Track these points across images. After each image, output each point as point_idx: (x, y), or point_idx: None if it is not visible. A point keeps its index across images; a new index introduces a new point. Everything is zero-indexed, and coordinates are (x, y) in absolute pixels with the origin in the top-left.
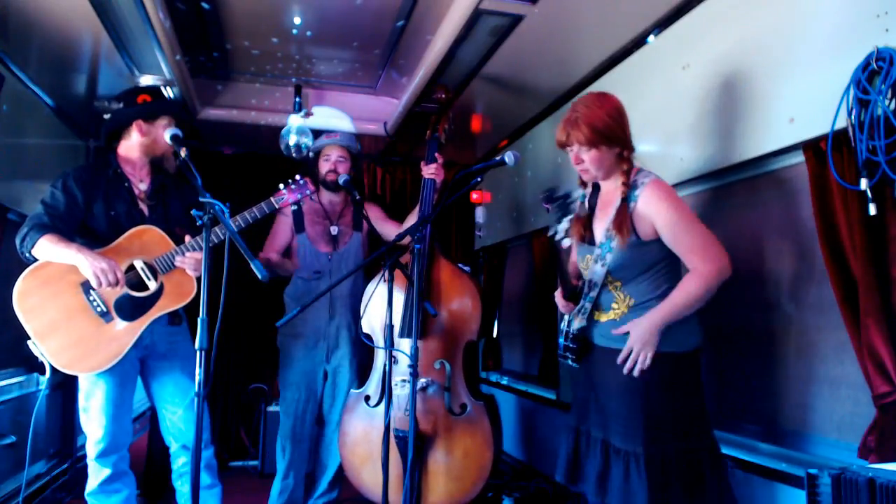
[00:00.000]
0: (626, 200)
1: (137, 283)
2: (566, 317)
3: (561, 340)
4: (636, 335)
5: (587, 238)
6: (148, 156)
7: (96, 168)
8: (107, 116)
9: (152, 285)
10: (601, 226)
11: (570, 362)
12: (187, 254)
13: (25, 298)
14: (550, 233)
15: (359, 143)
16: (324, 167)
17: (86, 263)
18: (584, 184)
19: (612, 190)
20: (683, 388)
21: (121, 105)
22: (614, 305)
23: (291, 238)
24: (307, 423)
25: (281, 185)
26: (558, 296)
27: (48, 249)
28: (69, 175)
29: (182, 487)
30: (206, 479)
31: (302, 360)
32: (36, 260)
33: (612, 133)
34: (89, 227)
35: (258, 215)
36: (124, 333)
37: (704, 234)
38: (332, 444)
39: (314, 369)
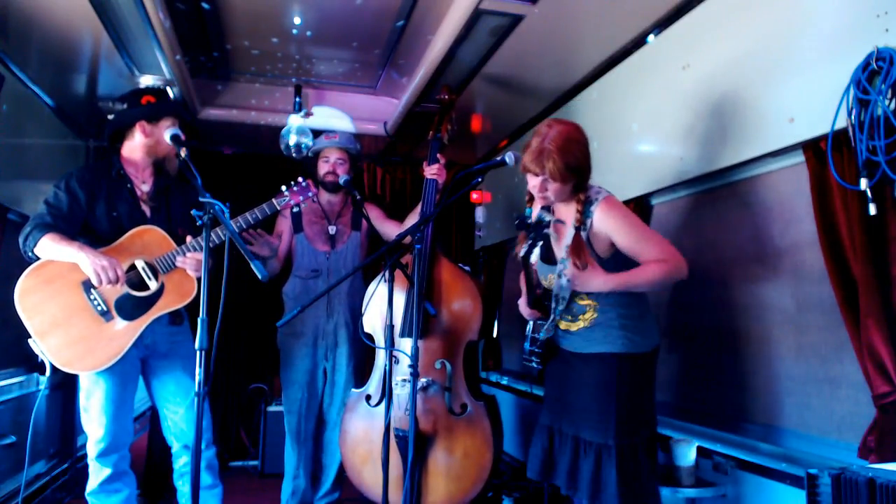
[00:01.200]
0: (579, 230)
1: (138, 283)
2: (531, 324)
3: (526, 345)
4: (588, 274)
5: (546, 257)
6: (151, 157)
7: (99, 169)
8: (111, 117)
9: (153, 285)
10: (559, 244)
11: (534, 365)
12: (188, 254)
13: (27, 297)
14: (522, 254)
15: (358, 143)
16: (323, 168)
17: (86, 261)
18: (531, 200)
19: (566, 212)
20: (645, 385)
21: (124, 106)
22: (583, 316)
23: (291, 238)
24: (311, 421)
25: (283, 187)
26: (522, 303)
27: (50, 248)
28: (72, 175)
29: (183, 487)
30: (207, 479)
31: (302, 359)
32: (38, 259)
33: (581, 168)
34: (91, 228)
35: (259, 217)
36: (124, 332)
37: (662, 241)
38: (332, 444)
39: (315, 368)
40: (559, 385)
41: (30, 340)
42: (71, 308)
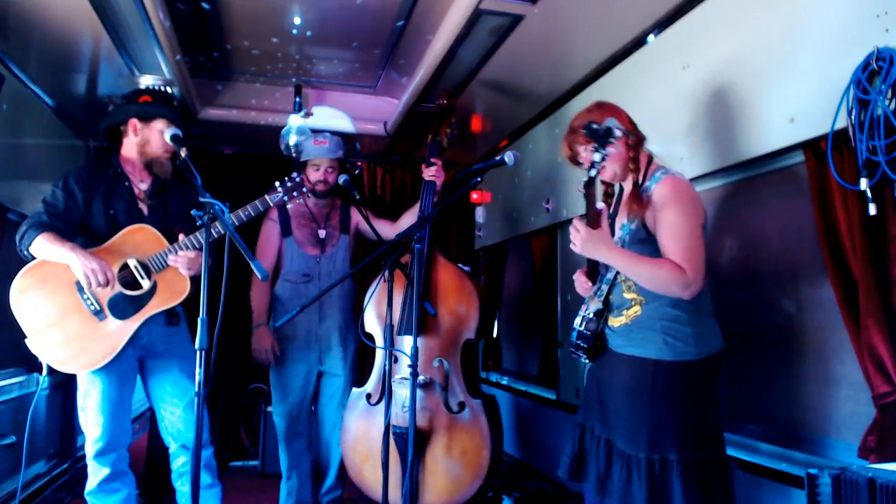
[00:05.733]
0: (636, 185)
1: (131, 282)
2: (581, 311)
3: (575, 330)
4: (599, 234)
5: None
6: (142, 157)
7: (98, 167)
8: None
9: (146, 284)
10: (623, 213)
11: (583, 359)
12: (180, 252)
13: (22, 296)
14: (589, 174)
15: (346, 145)
16: (314, 176)
17: (77, 263)
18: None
19: (632, 187)
20: (694, 397)
21: (122, 102)
22: (626, 312)
23: (280, 242)
24: (302, 423)
25: (276, 184)
26: (580, 274)
27: (44, 248)
28: (70, 174)
29: (182, 487)
30: (205, 478)
31: (295, 363)
32: (34, 258)
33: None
34: (88, 226)
35: (252, 213)
36: (118, 331)
37: (698, 250)
38: (332, 444)
39: (308, 371)
40: (597, 383)
41: (26, 340)
42: (65, 308)
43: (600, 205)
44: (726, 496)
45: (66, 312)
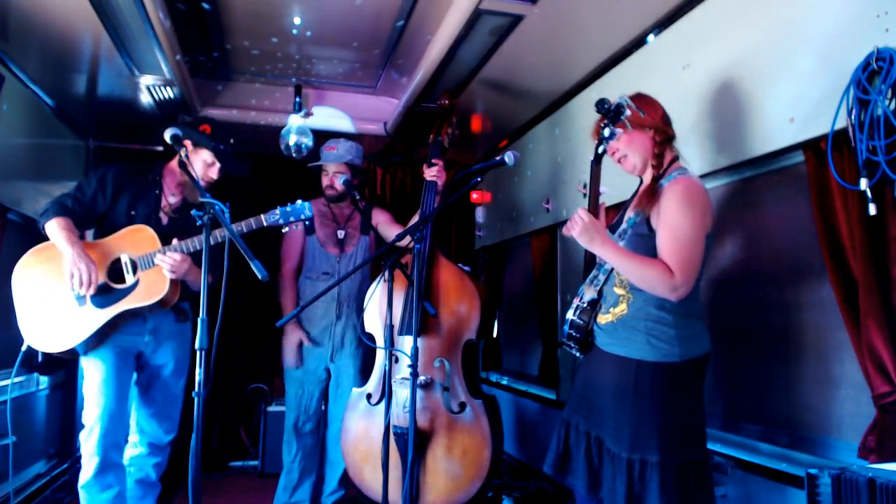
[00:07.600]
0: (654, 179)
1: (119, 276)
2: (573, 304)
3: (568, 321)
4: (597, 225)
5: (615, 225)
6: (181, 175)
7: (139, 170)
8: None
9: (129, 279)
10: (633, 207)
11: (573, 352)
12: (167, 253)
13: (23, 272)
14: (597, 151)
15: (359, 152)
16: (323, 181)
17: (69, 259)
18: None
19: (649, 181)
20: (677, 398)
21: (189, 121)
22: (613, 309)
23: (303, 240)
24: (311, 419)
25: (278, 207)
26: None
27: (52, 231)
28: (111, 169)
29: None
30: (151, 474)
31: (307, 358)
32: (47, 238)
33: (637, 116)
34: (109, 219)
35: (245, 230)
36: (91, 318)
37: (692, 257)
38: (339, 443)
39: (317, 367)
40: (584, 380)
41: (17, 316)
42: (53, 289)
43: (604, 188)
44: (705, 497)
45: (53, 293)
